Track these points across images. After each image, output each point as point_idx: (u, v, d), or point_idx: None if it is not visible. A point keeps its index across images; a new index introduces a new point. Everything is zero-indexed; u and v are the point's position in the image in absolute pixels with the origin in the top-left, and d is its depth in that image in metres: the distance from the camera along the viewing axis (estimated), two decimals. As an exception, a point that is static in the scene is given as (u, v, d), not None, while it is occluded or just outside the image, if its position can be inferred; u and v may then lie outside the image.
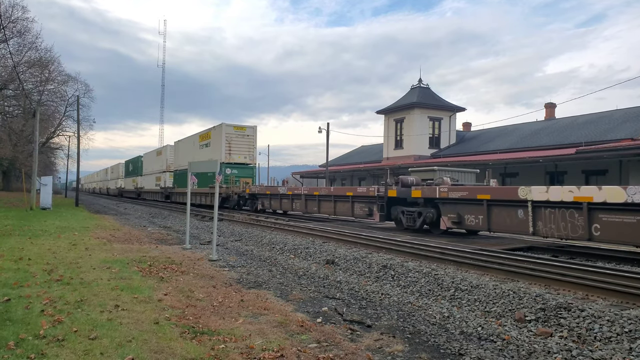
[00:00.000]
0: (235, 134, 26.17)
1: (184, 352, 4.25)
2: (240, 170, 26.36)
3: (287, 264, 10.04)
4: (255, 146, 27.17)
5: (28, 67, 38.11)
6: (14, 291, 6.32)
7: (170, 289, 6.85)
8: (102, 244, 11.81)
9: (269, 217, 19.44)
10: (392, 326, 5.59)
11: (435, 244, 10.10)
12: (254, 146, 27.10)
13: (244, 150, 26.56)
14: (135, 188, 47.94)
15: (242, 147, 26.35)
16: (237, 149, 26.28)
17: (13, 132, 41.17)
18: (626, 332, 4.93)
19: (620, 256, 8.88)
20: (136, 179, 47.65)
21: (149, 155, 43.87)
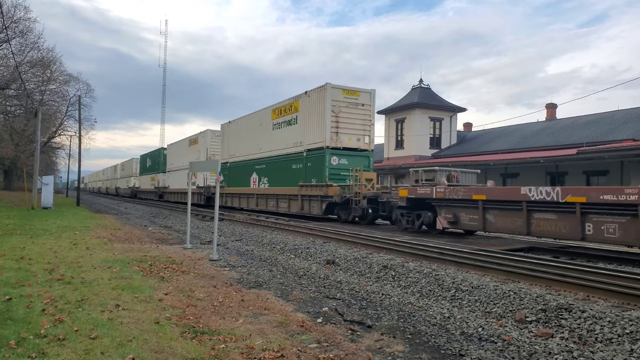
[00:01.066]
0: (344, 101, 16.91)
1: (185, 352, 4.25)
2: (352, 159, 17.09)
3: (287, 264, 10.04)
4: (373, 122, 17.75)
5: (30, 67, 38.14)
6: (15, 290, 6.33)
7: (170, 289, 6.85)
8: (103, 244, 11.82)
9: (269, 217, 19.44)
10: (392, 326, 5.59)
11: (436, 244, 10.09)
12: (370, 122, 17.61)
13: (357, 127, 17.29)
14: (155, 188, 39.82)
15: (355, 122, 17.20)
16: (348, 126, 17.05)
17: (15, 132, 41.24)
18: (627, 333, 4.92)
19: (622, 257, 8.86)
20: (157, 177, 39.88)
21: (177, 147, 35.01)
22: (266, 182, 21.33)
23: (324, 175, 16.74)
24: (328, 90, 16.70)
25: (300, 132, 18.46)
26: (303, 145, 18.20)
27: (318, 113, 17.25)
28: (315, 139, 17.40)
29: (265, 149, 21.45)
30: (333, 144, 16.83)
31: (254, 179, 22.48)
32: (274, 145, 20.64)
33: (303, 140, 18.29)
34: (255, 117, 22.96)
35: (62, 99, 47.94)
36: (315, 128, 17.46)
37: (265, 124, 21.69)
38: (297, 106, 18.80)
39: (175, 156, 35.10)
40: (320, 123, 17.02)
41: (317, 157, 17.16)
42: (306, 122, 18.04)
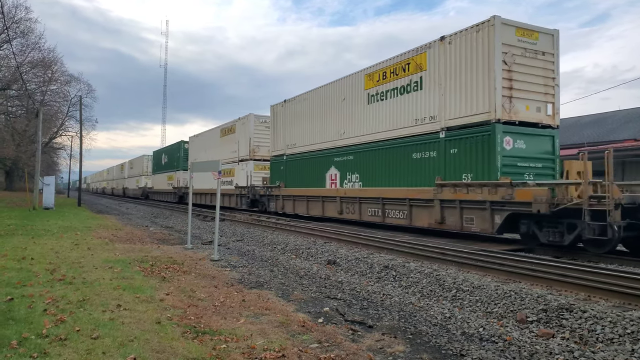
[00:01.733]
0: (518, 47, 10.83)
1: (186, 352, 4.26)
2: (530, 141, 11.07)
3: (288, 264, 10.05)
4: (557, 82, 11.38)
5: (31, 67, 38.22)
6: (17, 290, 6.34)
7: (172, 289, 6.86)
8: (104, 244, 11.83)
9: (270, 217, 19.44)
10: (393, 327, 5.59)
11: (436, 244, 10.08)
12: (554, 81, 11.32)
13: (537, 89, 11.10)
14: (174, 188, 34.81)
15: (534, 81, 11.02)
16: (525, 87, 10.90)
17: (16, 132, 41.32)
18: (628, 333, 4.91)
19: (622, 257, 8.85)
20: (176, 175, 35.07)
21: (203, 139, 29.76)
22: (356, 180, 15.18)
23: (492, 167, 10.51)
24: (497, 29, 10.44)
25: (430, 101, 12.23)
26: (438, 122, 11.89)
27: (473, 67, 11.02)
28: (466, 108, 11.19)
29: (352, 132, 15.41)
30: (506, 116, 10.50)
31: (331, 176, 16.63)
32: (371, 127, 14.45)
33: (437, 114, 11.93)
34: (333, 90, 16.61)
35: (63, 99, 48.10)
36: (466, 92, 11.23)
37: (352, 97, 15.41)
38: (420, 62, 12.53)
39: (200, 150, 29.40)
40: (481, 83, 10.79)
41: (473, 139, 11.01)
42: (444, 85, 11.69)
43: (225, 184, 24.57)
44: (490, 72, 10.57)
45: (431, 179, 12.03)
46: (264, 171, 22.57)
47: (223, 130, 26.55)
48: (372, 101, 14.61)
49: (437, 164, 12.04)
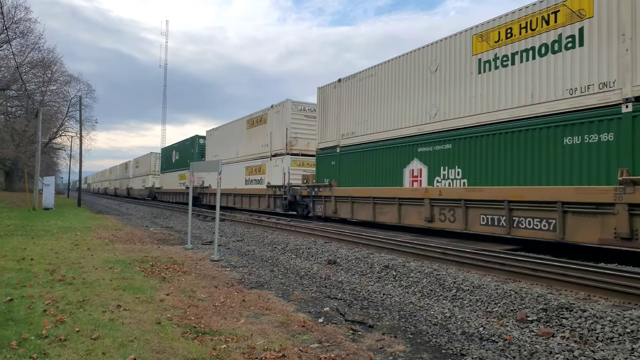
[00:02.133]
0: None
1: (186, 352, 4.25)
2: None
3: (288, 264, 10.05)
4: None
5: (31, 67, 38.22)
6: (17, 291, 6.34)
7: (172, 289, 6.86)
8: (104, 244, 11.83)
9: (270, 217, 19.44)
10: (393, 326, 5.59)
11: (437, 244, 10.08)
12: None
13: None
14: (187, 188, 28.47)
15: None
16: None
17: (16, 133, 41.32)
18: (628, 332, 4.92)
19: (622, 257, 8.86)
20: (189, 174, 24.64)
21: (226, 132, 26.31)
22: (457, 177, 11.53)
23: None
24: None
25: (601, 61, 8.67)
26: (618, 89, 8.37)
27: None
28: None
29: (451, 113, 11.83)
30: None
31: (413, 172, 12.96)
32: (484, 104, 10.90)
33: (617, 78, 8.39)
34: (415, 60, 13.11)
35: (63, 99, 48.07)
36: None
37: (451, 66, 11.90)
38: (580, 6, 9.05)
39: (221, 145, 26.14)
40: None
41: None
42: (630, 34, 8.24)
43: (254, 182, 21.81)
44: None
45: (600, 173, 8.56)
46: (303, 168, 19.51)
47: (251, 121, 22.84)
48: (487, 69, 10.93)
49: (614, 152, 8.40)
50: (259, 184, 21.70)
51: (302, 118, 20.02)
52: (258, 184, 21.82)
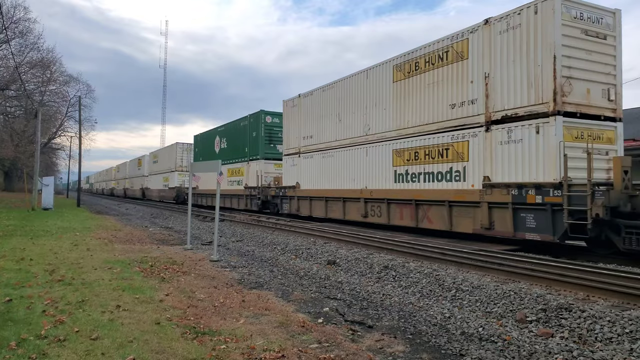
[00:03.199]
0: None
1: (185, 353, 4.25)
2: None
3: (288, 264, 10.05)
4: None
5: (30, 67, 38.19)
6: (16, 291, 6.34)
7: (171, 290, 6.86)
8: (104, 245, 11.83)
9: (270, 217, 19.44)
10: (393, 327, 5.59)
11: (436, 244, 10.09)
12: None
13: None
14: (248, 188, 22.78)
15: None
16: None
17: (15, 133, 41.29)
18: (627, 332, 4.92)
19: (622, 257, 8.86)
20: (250, 168, 22.75)
21: (339, 91, 16.36)
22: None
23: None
24: None
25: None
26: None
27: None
28: None
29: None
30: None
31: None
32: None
33: None
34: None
35: (62, 99, 48.05)
36: None
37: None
38: None
39: (319, 119, 17.52)
40: None
41: None
42: None
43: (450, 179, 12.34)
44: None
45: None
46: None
47: (427, 58, 12.57)
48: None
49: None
50: (456, 182, 17.66)
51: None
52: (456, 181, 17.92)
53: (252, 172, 22.74)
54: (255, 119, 23.04)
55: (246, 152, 23.73)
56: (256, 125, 22.86)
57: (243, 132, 24.36)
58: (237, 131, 25.18)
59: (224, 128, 27.36)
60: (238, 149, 24.75)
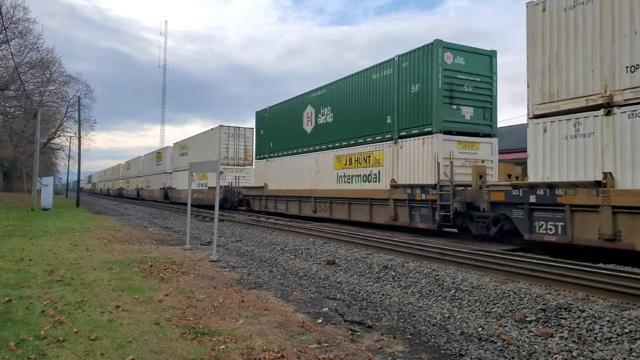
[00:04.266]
0: None
1: (185, 353, 4.25)
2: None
3: (287, 264, 10.05)
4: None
5: (29, 68, 38.16)
6: (15, 292, 6.33)
7: (171, 290, 6.86)
8: (103, 245, 11.82)
9: (269, 217, 19.44)
10: (392, 327, 5.59)
11: (435, 244, 10.09)
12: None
13: None
14: (410, 187, 12.99)
15: None
16: None
17: (14, 133, 41.27)
18: (626, 332, 4.93)
19: (621, 257, 8.87)
20: (388, 152, 14.27)
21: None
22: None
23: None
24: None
25: None
26: None
27: None
28: None
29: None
30: None
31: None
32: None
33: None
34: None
35: (62, 100, 48.00)
36: None
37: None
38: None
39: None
40: None
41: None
42: None
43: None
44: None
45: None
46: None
47: None
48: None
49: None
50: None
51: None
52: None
53: (409, 156, 13.53)
54: (419, 59, 13.16)
55: (389, 123, 14.21)
56: (423, 69, 13.06)
57: (383, 88, 14.51)
58: (367, 88, 15.31)
59: (329, 89, 17.52)
60: (368, 119, 15.22)
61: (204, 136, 30.41)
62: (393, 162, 14.20)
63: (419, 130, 13.22)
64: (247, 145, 28.47)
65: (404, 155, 13.83)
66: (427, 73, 12.96)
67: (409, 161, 13.64)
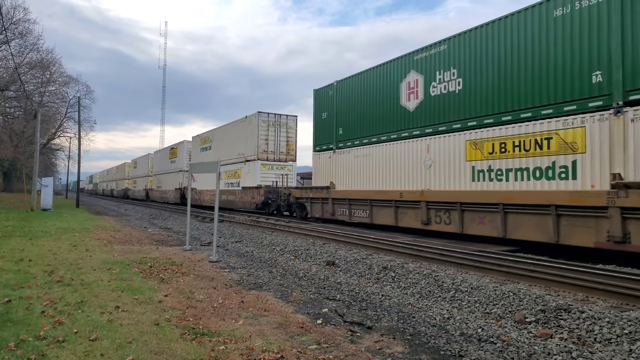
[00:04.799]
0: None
1: (184, 353, 4.25)
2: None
3: (287, 265, 10.05)
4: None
5: (29, 68, 38.17)
6: (15, 292, 6.33)
7: (170, 290, 6.86)
8: (103, 245, 11.82)
9: (269, 218, 19.44)
10: (392, 327, 5.59)
11: (436, 244, 10.09)
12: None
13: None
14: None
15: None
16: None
17: (14, 134, 41.25)
18: (626, 333, 4.93)
19: (620, 258, 8.87)
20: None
21: None
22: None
23: None
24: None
25: None
26: None
27: None
28: None
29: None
30: None
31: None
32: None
33: None
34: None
35: (62, 100, 48.01)
36: None
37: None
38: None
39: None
40: None
41: None
42: None
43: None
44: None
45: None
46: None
47: None
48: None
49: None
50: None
51: None
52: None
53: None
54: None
55: (598, 83, 9.17)
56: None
57: (582, 26, 9.46)
58: (542, 33, 10.22)
59: (453, 44, 12.52)
60: (547, 81, 10.06)
61: (235, 126, 25.16)
62: (611, 146, 8.67)
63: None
64: (290, 137, 23.23)
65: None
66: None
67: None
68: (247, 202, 22.87)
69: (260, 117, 22.52)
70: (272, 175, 22.24)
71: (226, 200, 24.81)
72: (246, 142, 23.52)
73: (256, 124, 22.60)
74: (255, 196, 21.84)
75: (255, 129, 22.61)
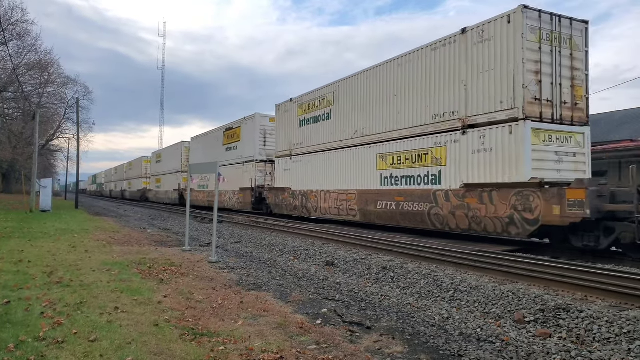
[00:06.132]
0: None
1: (184, 354, 4.25)
2: None
3: (286, 265, 10.05)
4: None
5: (28, 69, 38.13)
6: (14, 293, 6.33)
7: (170, 291, 6.86)
8: (102, 246, 11.81)
9: (268, 218, 19.44)
10: (391, 327, 5.60)
11: (434, 245, 10.10)
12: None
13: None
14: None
15: None
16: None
17: (13, 135, 41.23)
18: (625, 333, 4.94)
19: (620, 257, 8.89)
20: None
21: None
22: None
23: None
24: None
25: None
26: None
27: None
28: None
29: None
30: None
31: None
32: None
33: None
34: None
35: (60, 101, 47.94)
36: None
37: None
38: None
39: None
40: None
41: None
42: None
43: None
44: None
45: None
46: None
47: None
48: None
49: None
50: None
51: None
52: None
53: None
54: None
55: None
56: None
57: None
58: None
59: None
60: None
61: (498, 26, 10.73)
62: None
63: None
64: (576, 68, 10.85)
65: None
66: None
67: None
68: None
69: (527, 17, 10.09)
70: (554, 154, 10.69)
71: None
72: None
73: (519, 26, 10.04)
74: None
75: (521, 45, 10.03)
